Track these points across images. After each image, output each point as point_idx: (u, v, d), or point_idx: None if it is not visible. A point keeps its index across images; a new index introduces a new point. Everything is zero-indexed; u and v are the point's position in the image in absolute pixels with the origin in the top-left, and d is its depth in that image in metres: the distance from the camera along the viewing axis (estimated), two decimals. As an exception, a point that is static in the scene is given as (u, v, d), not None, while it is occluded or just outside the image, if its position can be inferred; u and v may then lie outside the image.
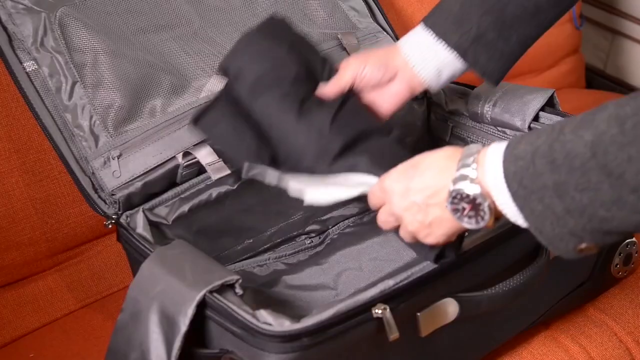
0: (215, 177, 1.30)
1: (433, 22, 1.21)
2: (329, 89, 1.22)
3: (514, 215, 0.91)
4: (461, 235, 1.06)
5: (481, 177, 0.93)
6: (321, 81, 1.23)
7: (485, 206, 0.93)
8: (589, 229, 0.86)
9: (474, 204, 0.93)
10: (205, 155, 1.30)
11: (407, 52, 1.23)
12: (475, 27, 1.17)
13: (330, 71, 1.24)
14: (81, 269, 1.51)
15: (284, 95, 1.19)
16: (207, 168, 1.29)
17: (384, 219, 1.07)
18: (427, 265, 1.06)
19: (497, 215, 0.94)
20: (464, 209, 0.95)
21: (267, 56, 1.22)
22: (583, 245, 0.88)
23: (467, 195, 0.93)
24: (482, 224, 0.95)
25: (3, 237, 1.41)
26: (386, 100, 1.25)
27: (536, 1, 1.16)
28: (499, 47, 1.20)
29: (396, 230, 1.07)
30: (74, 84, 1.28)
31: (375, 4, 1.57)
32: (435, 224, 0.99)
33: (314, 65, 1.24)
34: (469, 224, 0.96)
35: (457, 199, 0.94)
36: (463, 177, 0.94)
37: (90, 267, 1.52)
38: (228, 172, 1.31)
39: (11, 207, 1.41)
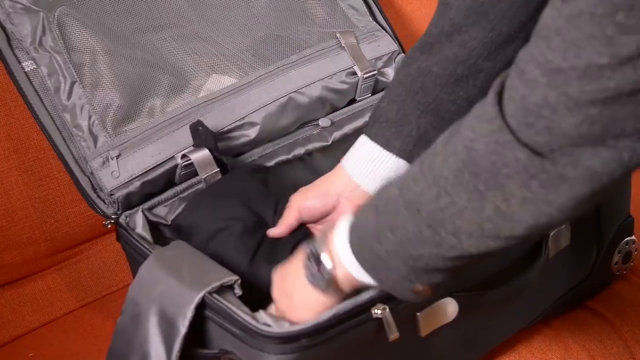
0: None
1: (375, 134, 1.19)
2: (277, 231, 1.23)
3: (359, 273, 0.96)
4: None
5: (332, 242, 0.99)
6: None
7: (328, 268, 0.98)
8: (408, 269, 0.91)
9: (319, 263, 0.99)
10: (202, 164, 1.29)
11: (351, 170, 1.21)
12: (415, 129, 1.16)
13: (281, 212, 1.25)
14: (81, 268, 1.51)
15: (236, 248, 1.19)
16: (203, 182, 1.30)
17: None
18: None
19: (343, 281, 0.99)
20: (311, 268, 1.00)
21: (217, 215, 1.24)
22: (418, 288, 0.93)
23: (316, 253, 1.00)
24: (323, 285, 0.99)
25: (2, 237, 1.41)
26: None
27: (467, 96, 1.15)
28: None
29: None
30: (72, 83, 1.28)
31: (374, 3, 1.57)
32: (295, 290, 1.04)
33: (266, 211, 1.25)
34: (313, 282, 1.00)
35: (309, 258, 1.01)
36: (320, 241, 1.00)
37: (90, 266, 1.52)
38: None
39: (10, 207, 1.41)
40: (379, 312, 1.00)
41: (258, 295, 1.11)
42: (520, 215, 0.80)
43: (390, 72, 1.53)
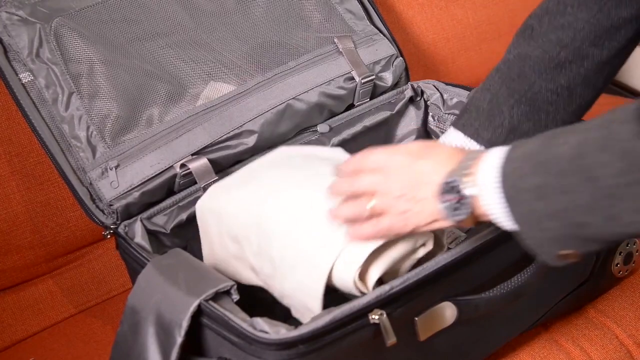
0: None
1: (463, 124, 1.18)
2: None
3: (500, 217, 0.94)
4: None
5: (476, 176, 0.94)
6: None
7: (467, 202, 0.95)
8: (567, 234, 0.88)
9: (460, 196, 0.95)
10: (201, 174, 1.30)
11: None
12: (508, 119, 1.14)
13: None
14: (81, 273, 1.52)
15: None
16: (202, 191, 1.30)
17: (365, 185, 1.05)
18: (424, 269, 1.05)
19: (480, 218, 0.97)
20: (449, 199, 0.97)
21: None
22: (564, 252, 0.90)
23: (456, 187, 0.95)
24: (459, 218, 0.97)
25: (3, 241, 1.42)
26: None
27: (569, 85, 1.12)
28: (536, 134, 1.18)
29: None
30: (70, 94, 1.28)
31: (372, 6, 1.57)
32: (418, 203, 1.00)
33: None
34: (449, 214, 0.97)
35: (448, 188, 0.97)
36: (460, 172, 0.96)
37: (91, 270, 1.53)
38: None
39: (11, 211, 1.42)
40: (376, 317, 1.00)
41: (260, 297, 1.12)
42: None
43: (388, 77, 1.53)
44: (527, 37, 1.14)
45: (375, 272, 1.06)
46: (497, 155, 0.94)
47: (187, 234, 1.30)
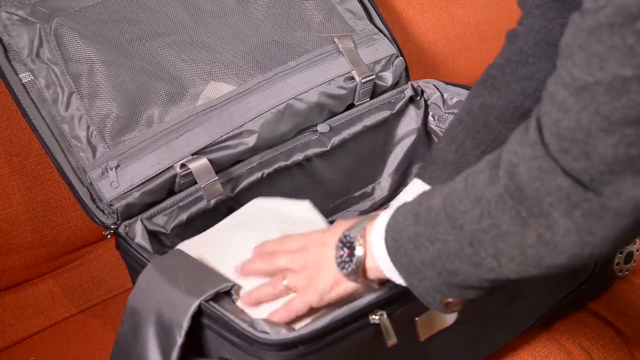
0: (209, 199, 1.31)
1: (429, 176, 1.20)
2: None
3: (389, 271, 0.96)
4: None
5: (366, 234, 0.98)
6: None
7: (358, 256, 0.98)
8: (443, 282, 0.91)
9: (351, 251, 0.99)
10: (201, 174, 1.30)
11: None
12: None
13: None
14: (82, 273, 1.52)
15: None
16: (202, 191, 1.30)
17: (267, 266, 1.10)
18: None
19: (370, 271, 0.99)
20: (342, 253, 1.00)
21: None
22: (448, 300, 0.93)
23: (351, 243, 0.99)
24: (349, 270, 0.99)
25: (4, 241, 1.42)
26: None
27: None
28: None
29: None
30: (70, 94, 1.28)
31: (372, 5, 1.57)
32: (323, 269, 1.03)
33: None
34: (341, 267, 1.00)
35: (342, 243, 1.00)
36: (354, 229, 0.99)
37: (91, 270, 1.53)
38: (222, 192, 1.32)
39: (12, 211, 1.42)
40: (377, 318, 1.00)
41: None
42: (563, 245, 0.80)
43: (388, 76, 1.53)
44: (489, 87, 1.15)
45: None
46: (387, 214, 0.97)
47: (188, 234, 1.29)
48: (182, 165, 1.29)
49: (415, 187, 1.21)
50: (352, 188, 1.53)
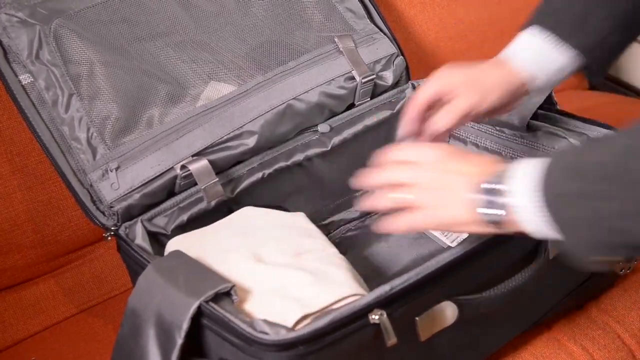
0: (209, 200, 1.31)
1: (552, 25, 1.17)
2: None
3: (534, 225, 0.93)
4: None
5: (512, 184, 0.94)
6: None
7: (502, 210, 0.95)
8: (607, 241, 0.87)
9: (496, 204, 0.95)
10: (201, 175, 1.30)
11: (519, 62, 1.19)
12: (599, 28, 1.14)
13: None
14: (83, 272, 1.52)
15: None
16: (202, 192, 1.30)
17: (390, 178, 1.06)
18: (424, 269, 1.04)
19: (513, 226, 0.96)
20: (485, 205, 0.96)
21: None
22: (605, 258, 0.91)
23: (494, 193, 0.95)
24: (493, 226, 0.97)
25: (5, 240, 1.42)
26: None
27: None
28: (617, 49, 1.18)
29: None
30: (70, 96, 1.28)
31: (372, 5, 1.57)
32: (452, 206, 1.00)
33: None
34: (483, 220, 0.97)
35: (484, 194, 0.96)
36: (497, 178, 0.96)
37: (92, 269, 1.53)
38: (222, 194, 1.32)
39: (13, 210, 1.42)
40: (377, 317, 0.99)
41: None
42: None
43: (388, 76, 1.52)
44: None
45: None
46: (534, 164, 0.94)
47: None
48: (183, 167, 1.29)
49: (533, 34, 1.18)
50: (352, 188, 1.52)
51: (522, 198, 0.93)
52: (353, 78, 1.47)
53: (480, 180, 0.97)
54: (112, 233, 1.26)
